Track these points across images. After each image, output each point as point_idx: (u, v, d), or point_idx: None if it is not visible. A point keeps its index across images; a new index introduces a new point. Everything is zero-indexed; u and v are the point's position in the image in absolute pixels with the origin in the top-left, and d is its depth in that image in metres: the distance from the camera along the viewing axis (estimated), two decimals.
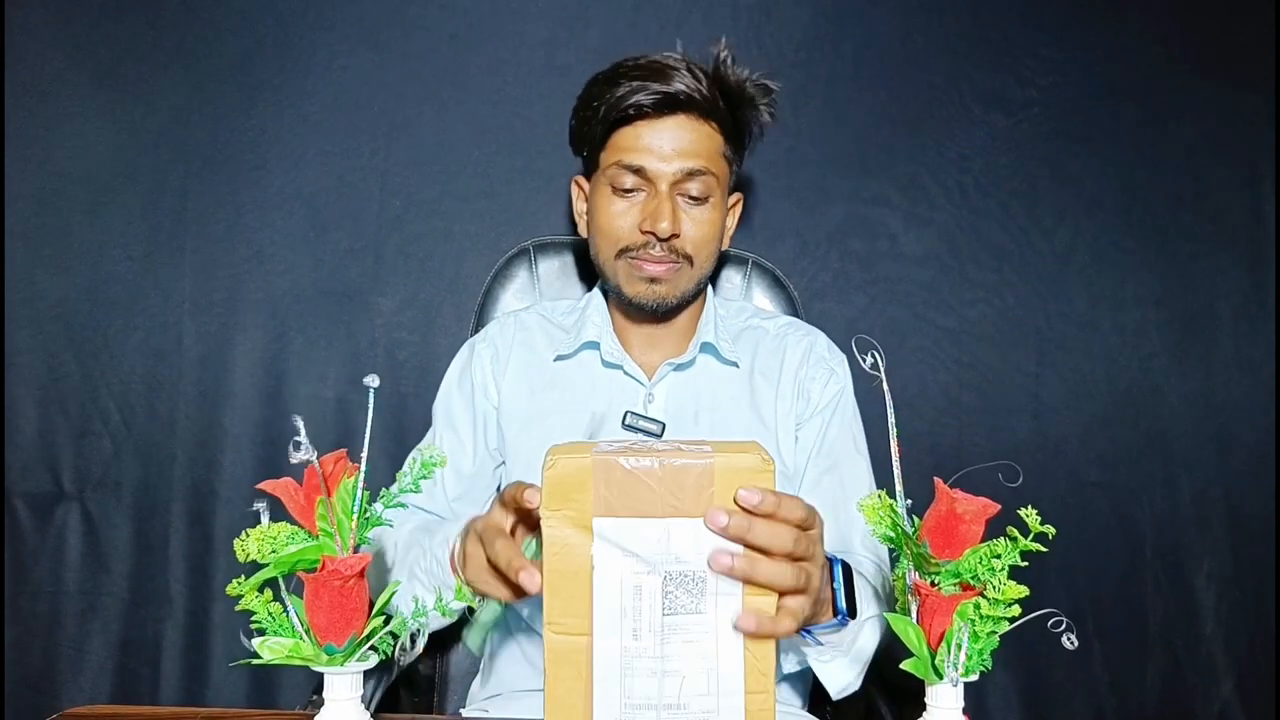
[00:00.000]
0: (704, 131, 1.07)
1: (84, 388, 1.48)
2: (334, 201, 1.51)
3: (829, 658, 0.89)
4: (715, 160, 1.08)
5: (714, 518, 0.66)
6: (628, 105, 1.04)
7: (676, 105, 1.05)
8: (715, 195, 1.10)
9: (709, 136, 1.08)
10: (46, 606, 1.47)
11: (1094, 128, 1.59)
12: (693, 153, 1.06)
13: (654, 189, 1.06)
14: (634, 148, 1.06)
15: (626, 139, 1.06)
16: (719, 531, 0.66)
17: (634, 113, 1.05)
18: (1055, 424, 1.57)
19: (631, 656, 0.67)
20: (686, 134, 1.06)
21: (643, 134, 1.06)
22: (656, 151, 1.05)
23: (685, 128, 1.06)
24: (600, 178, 1.10)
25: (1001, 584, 0.64)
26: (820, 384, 1.15)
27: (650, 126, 1.06)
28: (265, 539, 0.65)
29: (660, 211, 1.05)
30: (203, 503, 1.48)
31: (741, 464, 0.67)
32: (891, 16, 1.56)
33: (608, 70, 1.09)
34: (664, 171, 1.05)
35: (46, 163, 1.48)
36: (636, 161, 1.05)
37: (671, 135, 1.05)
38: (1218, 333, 1.60)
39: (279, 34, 1.50)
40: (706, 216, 1.09)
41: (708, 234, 1.10)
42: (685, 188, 1.07)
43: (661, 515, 0.67)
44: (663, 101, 1.04)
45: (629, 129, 1.06)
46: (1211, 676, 1.56)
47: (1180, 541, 1.57)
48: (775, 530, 0.67)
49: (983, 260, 1.57)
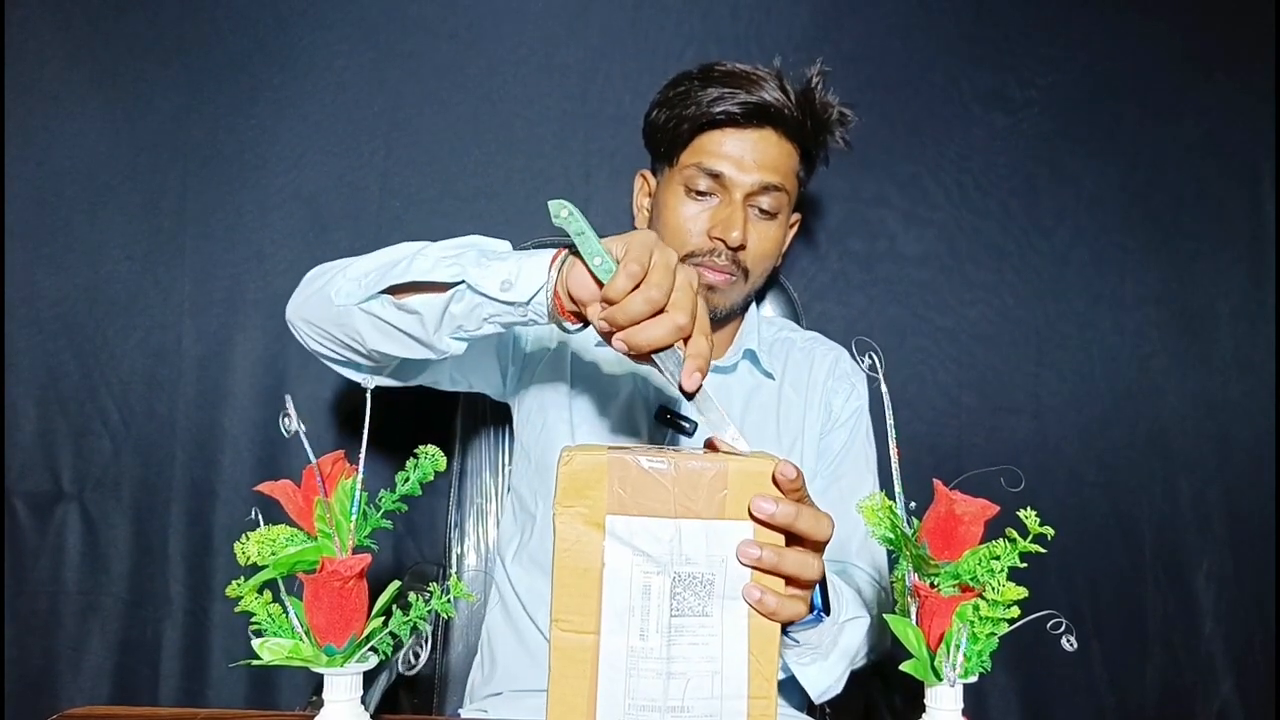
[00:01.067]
0: (784, 148, 1.08)
1: (83, 387, 1.48)
2: (334, 201, 1.50)
3: (808, 660, 0.89)
4: (789, 178, 1.09)
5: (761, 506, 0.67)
6: (719, 111, 1.05)
7: (765, 118, 1.05)
8: (783, 213, 1.11)
9: (788, 154, 1.09)
10: (46, 606, 1.47)
11: (1094, 127, 1.59)
12: (772, 167, 1.07)
13: (728, 197, 1.07)
14: (716, 153, 1.06)
15: (711, 143, 1.07)
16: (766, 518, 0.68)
17: (723, 118, 1.05)
18: (1055, 424, 1.57)
19: (638, 657, 0.67)
20: (769, 148, 1.07)
21: (727, 141, 1.06)
22: (737, 160, 1.06)
23: (768, 141, 1.07)
24: (675, 176, 1.10)
25: (1000, 585, 0.64)
26: (842, 398, 1.17)
27: (736, 135, 1.06)
28: (265, 541, 0.65)
29: (733, 220, 1.05)
30: (202, 503, 1.48)
31: (755, 468, 0.68)
32: (891, 16, 1.56)
33: (698, 71, 1.09)
34: (742, 181, 1.06)
35: (46, 162, 1.48)
36: (717, 167, 1.06)
37: (754, 147, 1.06)
38: (1218, 332, 1.60)
39: (279, 33, 1.50)
40: (772, 233, 1.10)
41: (770, 250, 1.11)
42: (758, 200, 1.07)
43: (674, 516, 0.67)
44: (753, 112, 1.05)
45: (715, 133, 1.07)
46: (1211, 676, 1.56)
47: (1180, 541, 1.57)
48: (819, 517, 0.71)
49: (982, 260, 1.57)
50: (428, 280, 0.82)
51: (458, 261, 0.81)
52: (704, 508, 0.67)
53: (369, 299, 0.87)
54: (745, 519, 0.68)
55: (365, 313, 0.88)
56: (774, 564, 0.68)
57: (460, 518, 1.31)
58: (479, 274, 0.79)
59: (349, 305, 0.88)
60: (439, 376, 1.08)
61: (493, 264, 0.79)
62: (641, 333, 0.71)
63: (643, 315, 0.71)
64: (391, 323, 0.87)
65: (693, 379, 0.71)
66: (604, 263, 0.73)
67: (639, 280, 0.71)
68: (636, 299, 0.70)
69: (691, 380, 0.71)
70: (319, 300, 0.93)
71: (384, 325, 0.88)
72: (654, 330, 0.71)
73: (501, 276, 0.78)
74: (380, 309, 0.87)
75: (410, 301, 0.84)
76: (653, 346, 0.71)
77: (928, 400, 1.55)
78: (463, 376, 1.13)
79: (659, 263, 0.72)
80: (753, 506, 0.67)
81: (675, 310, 0.71)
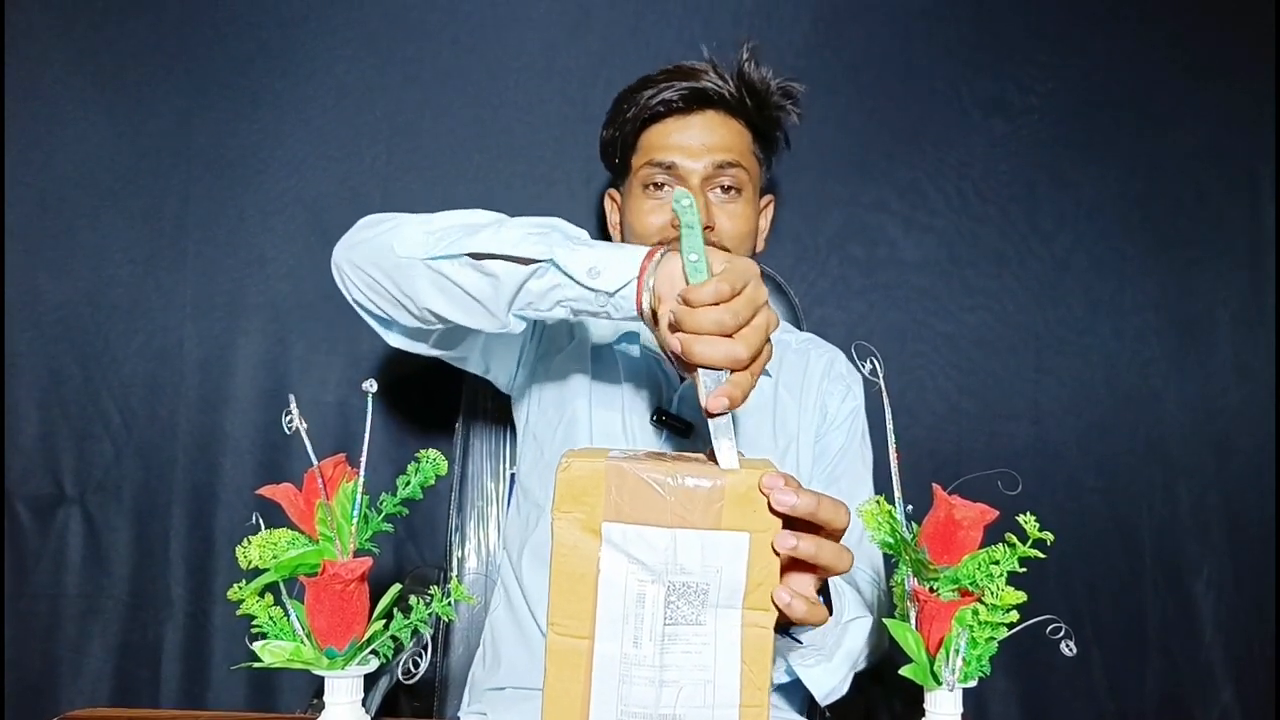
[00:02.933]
0: (733, 127, 1.08)
1: (85, 391, 1.48)
2: (335, 206, 1.51)
3: (812, 661, 0.89)
4: (746, 155, 1.09)
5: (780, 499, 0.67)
6: (656, 103, 1.05)
7: (705, 101, 1.06)
8: (748, 190, 1.10)
9: (738, 133, 1.09)
10: (46, 609, 1.47)
11: (1093, 134, 1.59)
12: (723, 147, 1.07)
13: (686, 185, 1.06)
14: (664, 145, 1.07)
15: (656, 137, 1.08)
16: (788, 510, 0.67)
17: (663, 109, 1.06)
18: (1054, 430, 1.57)
19: (631, 664, 0.67)
20: (716, 128, 1.07)
21: (672, 131, 1.07)
22: (686, 147, 1.06)
23: (714, 123, 1.07)
24: (633, 181, 1.11)
25: (999, 590, 0.64)
26: (838, 399, 1.16)
27: (679, 123, 1.07)
28: (266, 544, 0.65)
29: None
30: (203, 506, 1.48)
31: (754, 480, 0.68)
32: (891, 23, 1.57)
33: (634, 82, 1.11)
34: (694, 167, 1.06)
35: (48, 166, 1.48)
36: (667, 158, 1.06)
37: (700, 131, 1.06)
38: (1217, 338, 1.60)
39: (281, 39, 1.51)
40: (741, 210, 1.10)
41: (743, 229, 1.10)
42: (718, 180, 1.07)
43: (670, 525, 0.67)
44: (690, 97, 1.05)
45: (658, 127, 1.08)
46: (1211, 683, 1.56)
47: (1179, 547, 1.57)
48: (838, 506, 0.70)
49: (982, 266, 1.58)
50: (513, 254, 0.79)
51: (544, 240, 0.80)
52: (700, 518, 0.67)
53: (443, 258, 0.83)
54: (742, 530, 0.68)
55: (432, 269, 0.84)
56: (812, 555, 0.68)
57: (461, 521, 1.31)
58: (567, 256, 0.78)
59: (414, 258, 0.85)
60: (469, 353, 1.07)
61: (579, 249, 0.78)
62: (699, 344, 0.70)
63: (709, 331, 0.70)
64: (461, 285, 0.83)
65: (719, 402, 0.70)
66: (699, 261, 0.72)
67: (723, 299, 0.70)
68: (712, 313, 0.70)
69: (718, 403, 0.70)
70: (376, 247, 0.89)
71: (450, 286, 0.84)
72: (712, 349, 0.70)
73: (590, 263, 0.77)
74: (452, 269, 0.83)
75: (490, 265, 0.81)
76: (704, 363, 0.71)
77: (927, 405, 1.56)
78: (488, 358, 1.12)
79: (748, 294, 0.71)
80: (774, 500, 0.66)
81: (741, 341, 0.70)
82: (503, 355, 1.15)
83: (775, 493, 0.66)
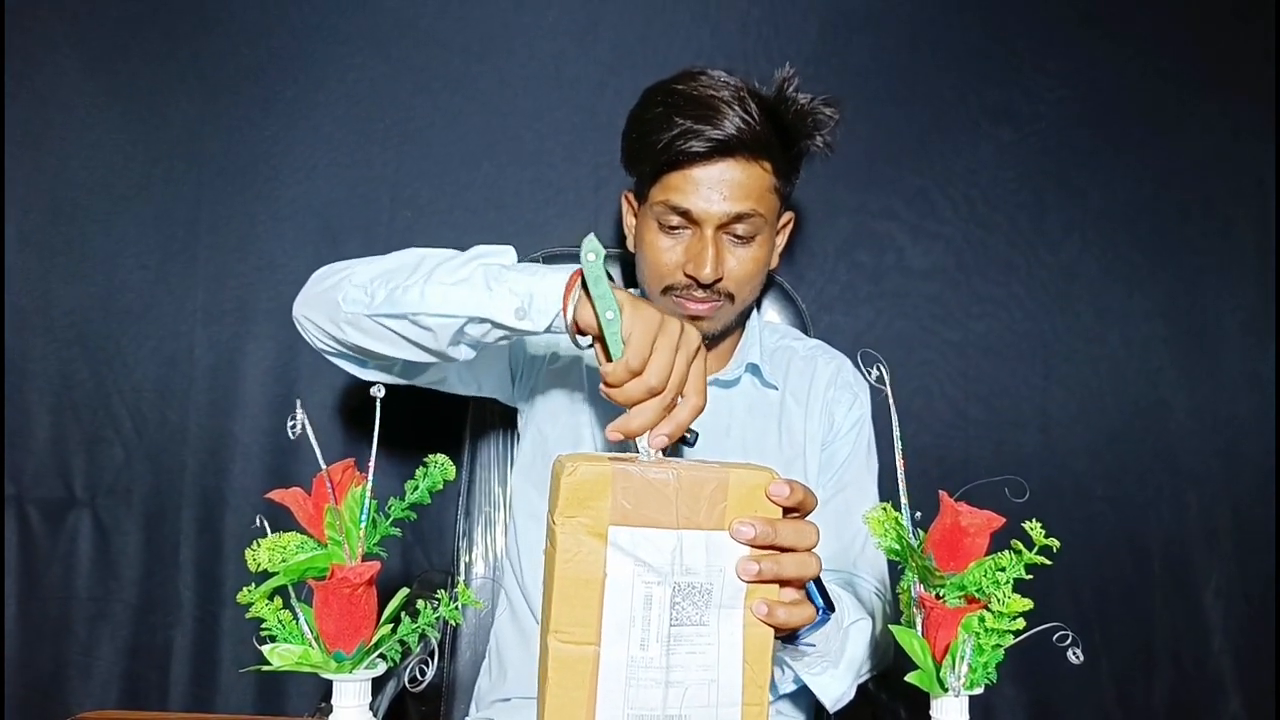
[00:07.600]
0: (753, 171, 1.05)
1: (96, 395, 1.49)
2: (345, 212, 1.52)
3: (820, 669, 0.89)
4: (764, 199, 1.06)
5: (740, 531, 0.69)
6: (677, 151, 1.02)
7: (727, 150, 1.02)
8: (762, 233, 1.08)
9: (758, 176, 1.05)
10: (57, 612, 1.48)
11: (1101, 142, 1.59)
12: (741, 195, 1.04)
13: (699, 231, 1.05)
14: (681, 189, 1.04)
15: (675, 180, 1.05)
16: (747, 542, 0.70)
17: (683, 159, 1.03)
18: (1062, 438, 1.57)
19: (638, 666, 0.68)
20: (736, 175, 1.03)
21: (690, 176, 1.04)
22: (704, 196, 1.03)
23: (734, 169, 1.03)
24: (648, 211, 1.10)
25: (1006, 597, 0.64)
26: (845, 407, 1.17)
27: (700, 170, 1.03)
28: (275, 548, 0.66)
29: (703, 258, 1.04)
30: (213, 510, 1.49)
31: (755, 480, 0.68)
32: (899, 31, 1.57)
33: (661, 97, 1.05)
34: (710, 215, 1.04)
35: (61, 173, 1.49)
36: (683, 205, 1.04)
37: (719, 179, 1.03)
38: (1225, 347, 1.59)
39: (292, 47, 1.52)
40: (751, 255, 1.08)
41: (751, 271, 1.09)
42: (732, 229, 1.06)
43: (676, 527, 0.67)
44: (715, 148, 1.02)
45: (678, 173, 1.05)
46: (1220, 692, 1.56)
47: (1188, 556, 1.57)
48: (799, 529, 0.72)
49: (990, 274, 1.58)
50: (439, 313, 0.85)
51: (466, 287, 0.85)
52: (705, 519, 0.68)
53: (383, 315, 0.89)
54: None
55: (375, 323, 0.90)
56: (775, 573, 0.70)
57: (469, 526, 1.32)
58: (491, 304, 0.83)
59: (357, 313, 0.90)
60: (444, 375, 1.09)
61: (500, 292, 0.84)
62: (633, 422, 0.78)
63: (642, 398, 0.78)
64: (406, 336, 0.89)
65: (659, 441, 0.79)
66: (615, 319, 0.79)
67: (639, 370, 0.78)
68: (637, 386, 0.78)
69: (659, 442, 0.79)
70: (326, 302, 0.94)
71: (395, 337, 0.90)
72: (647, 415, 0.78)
73: (515, 304, 0.83)
74: (393, 323, 0.89)
75: (425, 320, 0.86)
76: (645, 429, 0.78)
77: (935, 413, 1.56)
78: (473, 379, 1.14)
79: (662, 344, 0.79)
80: (733, 533, 0.69)
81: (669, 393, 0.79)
82: (493, 374, 1.17)
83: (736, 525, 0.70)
